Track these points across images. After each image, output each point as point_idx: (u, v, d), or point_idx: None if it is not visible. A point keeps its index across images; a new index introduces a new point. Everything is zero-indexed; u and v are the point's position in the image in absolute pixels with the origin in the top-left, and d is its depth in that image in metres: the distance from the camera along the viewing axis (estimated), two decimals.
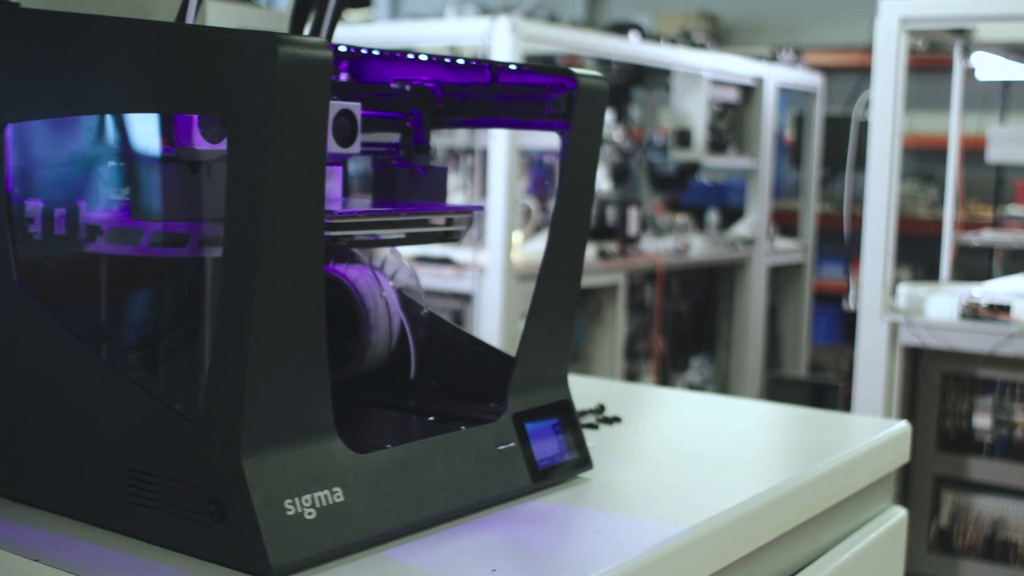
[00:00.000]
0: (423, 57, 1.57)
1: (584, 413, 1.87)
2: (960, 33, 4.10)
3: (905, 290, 3.77)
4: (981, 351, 3.53)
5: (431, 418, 1.51)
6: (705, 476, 1.63)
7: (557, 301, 1.54)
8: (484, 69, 1.52)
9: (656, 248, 5.45)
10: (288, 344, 1.16)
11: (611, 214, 5.16)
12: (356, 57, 1.52)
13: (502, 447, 1.44)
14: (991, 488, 3.73)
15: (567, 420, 1.54)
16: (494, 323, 4.48)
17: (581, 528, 1.36)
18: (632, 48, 5.27)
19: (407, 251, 5.03)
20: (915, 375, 3.75)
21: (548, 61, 5.80)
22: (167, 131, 1.25)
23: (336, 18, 1.53)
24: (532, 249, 4.88)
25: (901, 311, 3.68)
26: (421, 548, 1.24)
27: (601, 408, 1.90)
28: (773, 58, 6.30)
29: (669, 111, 5.77)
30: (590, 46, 4.95)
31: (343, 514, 1.20)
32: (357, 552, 1.22)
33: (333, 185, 1.51)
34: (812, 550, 1.75)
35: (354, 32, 5.03)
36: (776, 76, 6.10)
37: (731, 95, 5.90)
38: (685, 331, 5.96)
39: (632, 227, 5.21)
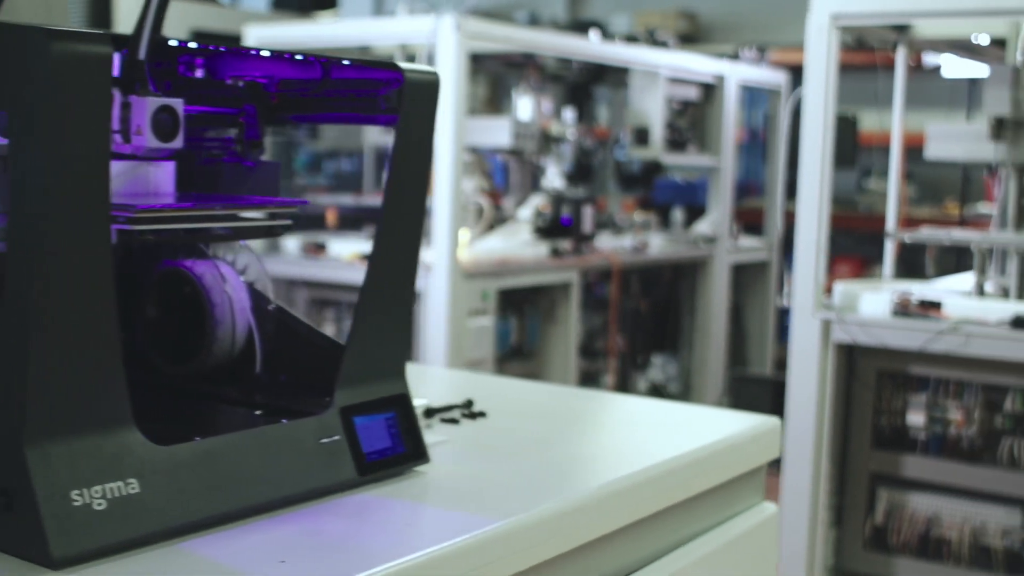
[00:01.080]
0: (265, 53, 1.58)
1: (450, 408, 1.88)
2: (900, 30, 4.10)
3: (841, 287, 3.78)
4: (911, 348, 3.53)
5: (258, 412, 1.51)
6: (548, 470, 1.63)
7: (389, 295, 1.55)
8: (316, 64, 1.53)
9: (613, 246, 5.45)
10: (75, 336, 1.17)
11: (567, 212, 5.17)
12: (184, 52, 1.53)
13: (325, 440, 1.45)
14: (925, 485, 3.73)
15: (403, 414, 1.55)
16: (440, 321, 4.48)
17: (393, 521, 1.36)
18: (583, 46, 5.29)
19: (355, 248, 4.98)
20: (851, 372, 3.75)
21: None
22: None
23: (163, 10, 1.53)
24: (484, 247, 4.89)
25: (835, 308, 3.68)
26: (220, 540, 1.25)
27: (469, 403, 1.90)
28: (735, 56, 6.29)
29: (628, 109, 5.77)
30: (537, 44, 4.95)
31: (137, 505, 1.20)
32: (153, 544, 1.22)
33: (164, 179, 1.52)
34: (668, 542, 1.75)
35: (299, 31, 5.05)
36: (738, 74, 6.10)
37: (692, 93, 5.90)
38: (647, 329, 5.97)
39: (587, 225, 5.22)
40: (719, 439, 1.89)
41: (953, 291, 3.83)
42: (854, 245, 8.36)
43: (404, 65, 1.50)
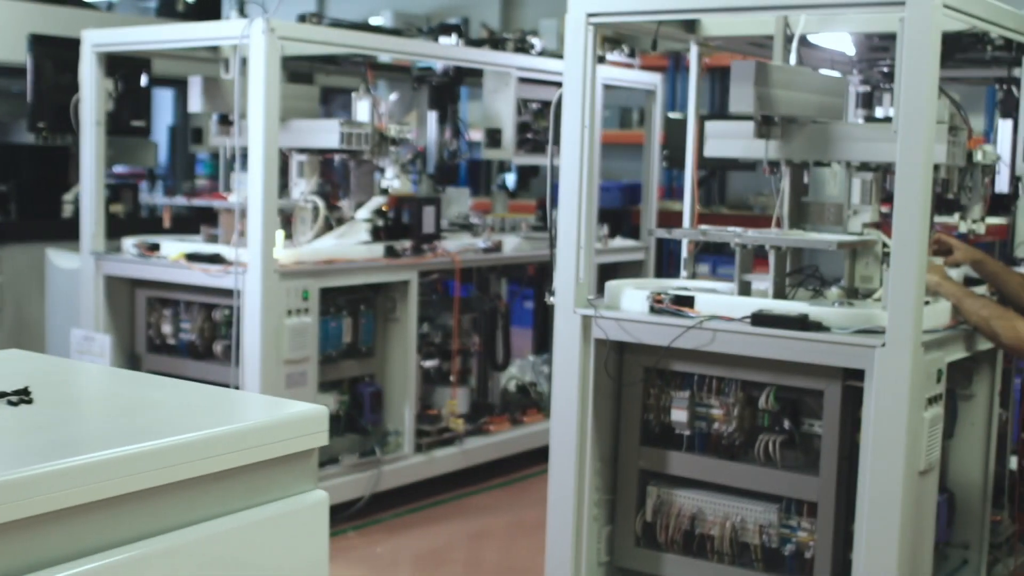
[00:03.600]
0: None
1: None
2: (690, 29, 4.12)
3: (611, 284, 3.80)
4: (662, 344, 3.54)
5: None
6: (31, 451, 1.69)
7: None
8: None
9: (462, 246, 5.48)
10: None
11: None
12: None
13: None
14: (691, 482, 3.74)
15: None
16: (256, 319, 4.52)
17: None
18: (410, 46, 5.31)
19: (180, 249, 4.96)
20: (621, 368, 3.77)
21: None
22: None
23: None
24: (315, 247, 4.93)
25: (595, 305, 3.70)
26: None
27: (24, 390, 1.95)
28: (601, 60, 6.30)
29: (482, 111, 5.81)
30: (352, 44, 4.98)
31: None
32: None
33: None
34: (179, 519, 1.80)
35: (132, 34, 5.10)
36: (601, 75, 6.10)
37: (552, 94, 5.90)
38: (507, 329, 5.99)
39: (428, 225, 5.24)
40: (249, 424, 1.93)
41: (718, 288, 3.85)
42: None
43: None
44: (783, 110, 3.62)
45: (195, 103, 5.06)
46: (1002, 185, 5.32)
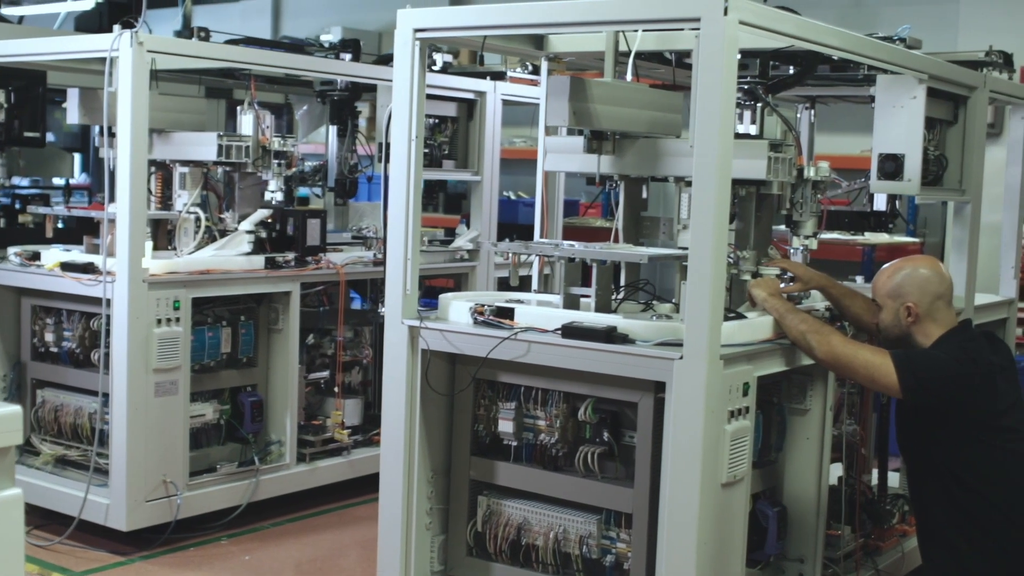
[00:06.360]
0: None
1: None
2: (539, 44, 4.17)
3: (444, 296, 3.84)
4: (480, 354, 3.58)
5: None
6: None
7: None
8: None
9: (350, 258, 5.52)
10: None
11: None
12: None
13: None
14: (521, 493, 3.77)
15: None
16: (123, 328, 4.56)
17: None
18: (283, 60, 5.35)
19: (57, 258, 4.98)
20: (453, 379, 3.81)
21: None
22: None
23: None
24: (192, 258, 4.98)
25: (432, 316, 3.74)
26: None
27: None
28: (501, 76, 6.37)
29: (377, 126, 5.86)
30: (221, 58, 5.04)
31: None
32: None
33: None
34: None
35: (12, 46, 5.16)
36: (501, 91, 6.17)
37: (450, 110, 5.98)
38: None
39: (313, 237, 5.29)
40: None
41: (553, 301, 3.88)
42: None
43: None
44: (604, 124, 3.66)
45: (72, 114, 5.13)
46: (880, 203, 5.37)
